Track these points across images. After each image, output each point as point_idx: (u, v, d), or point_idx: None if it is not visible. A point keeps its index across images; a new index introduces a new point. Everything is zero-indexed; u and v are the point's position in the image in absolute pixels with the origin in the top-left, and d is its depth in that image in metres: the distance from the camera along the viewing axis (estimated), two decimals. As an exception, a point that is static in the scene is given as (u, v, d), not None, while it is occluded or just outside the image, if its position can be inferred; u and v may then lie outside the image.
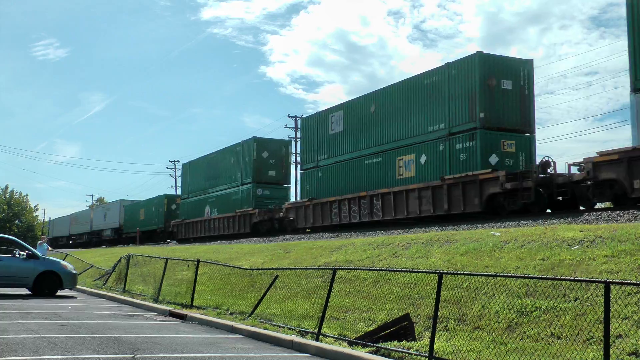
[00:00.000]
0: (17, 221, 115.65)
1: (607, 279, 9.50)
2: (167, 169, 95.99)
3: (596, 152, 21.26)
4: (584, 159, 21.48)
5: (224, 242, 40.14)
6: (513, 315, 10.85)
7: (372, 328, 12.00)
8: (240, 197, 44.26)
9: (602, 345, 8.10)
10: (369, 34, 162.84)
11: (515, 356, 9.21)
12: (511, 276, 10.66)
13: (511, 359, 9.16)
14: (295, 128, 65.89)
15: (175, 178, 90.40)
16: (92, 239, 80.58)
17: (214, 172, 49.35)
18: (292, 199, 45.29)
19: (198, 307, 17.54)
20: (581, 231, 14.33)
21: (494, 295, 11.67)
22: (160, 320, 16.10)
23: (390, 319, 11.85)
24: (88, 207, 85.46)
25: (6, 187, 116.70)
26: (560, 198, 23.22)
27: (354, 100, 34.12)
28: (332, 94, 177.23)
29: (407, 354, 10.19)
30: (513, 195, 23.68)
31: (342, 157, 34.19)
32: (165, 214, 60.19)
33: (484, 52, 26.34)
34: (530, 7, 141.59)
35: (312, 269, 17.03)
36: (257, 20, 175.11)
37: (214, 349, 11.51)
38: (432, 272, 11.55)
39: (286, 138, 50.21)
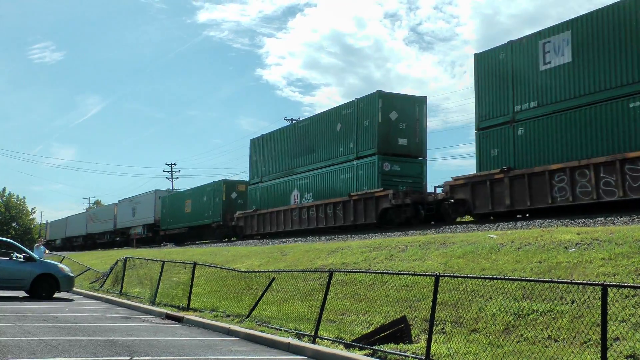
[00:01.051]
0: (14, 224, 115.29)
1: (605, 281, 9.51)
2: (164, 171, 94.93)
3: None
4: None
5: (220, 244, 40.07)
6: (510, 317, 10.85)
7: (368, 331, 12.00)
8: (354, 175, 32.32)
9: (599, 348, 8.11)
10: (365, 36, 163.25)
11: (512, 359, 9.20)
12: (508, 279, 10.68)
13: (508, 361, 9.15)
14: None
15: (172, 181, 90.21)
16: (116, 239, 70.19)
17: (306, 145, 37.01)
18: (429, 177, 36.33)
19: (195, 310, 17.52)
20: (578, 234, 14.33)
21: (490, 297, 11.67)
22: (157, 323, 16.08)
23: (387, 322, 11.84)
24: (114, 203, 72.96)
25: (3, 190, 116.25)
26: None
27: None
28: (328, 96, 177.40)
29: (403, 357, 10.18)
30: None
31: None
32: (224, 204, 47.68)
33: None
34: (527, 9, 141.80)
35: (309, 271, 17.02)
36: (253, 23, 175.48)
37: (211, 352, 11.50)
38: (428, 275, 11.55)
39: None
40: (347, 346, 11.37)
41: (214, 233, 48.59)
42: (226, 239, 46.25)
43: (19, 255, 22.23)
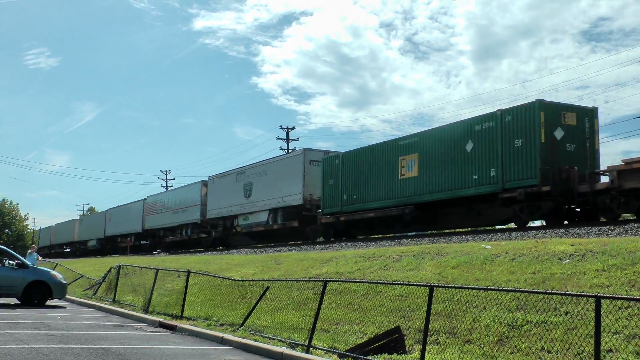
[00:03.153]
0: (7, 230, 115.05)
1: (598, 293, 9.52)
2: (159, 179, 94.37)
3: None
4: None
5: (214, 252, 39.98)
6: (504, 328, 10.85)
7: (362, 340, 11.98)
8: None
9: (592, 360, 8.11)
10: (360, 45, 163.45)
11: (505, 370, 9.19)
12: (502, 290, 10.69)
13: (502, 372, 9.15)
14: (287, 139, 65.44)
15: (167, 188, 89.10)
16: (143, 243, 60.19)
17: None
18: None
19: (188, 318, 17.47)
20: (572, 245, 14.35)
21: (484, 308, 11.67)
22: (150, 331, 16.03)
23: (381, 332, 11.83)
24: (144, 198, 60.21)
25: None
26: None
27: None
28: (324, 105, 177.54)
29: (397, 367, 10.16)
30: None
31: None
32: None
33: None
34: (522, 20, 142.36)
35: (303, 280, 17.00)
36: (249, 31, 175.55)
37: (204, 361, 11.46)
38: (423, 285, 11.55)
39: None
40: (341, 356, 11.35)
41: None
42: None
43: (11, 261, 22.16)
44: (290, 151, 56.55)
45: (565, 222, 22.20)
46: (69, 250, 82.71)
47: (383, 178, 28.97)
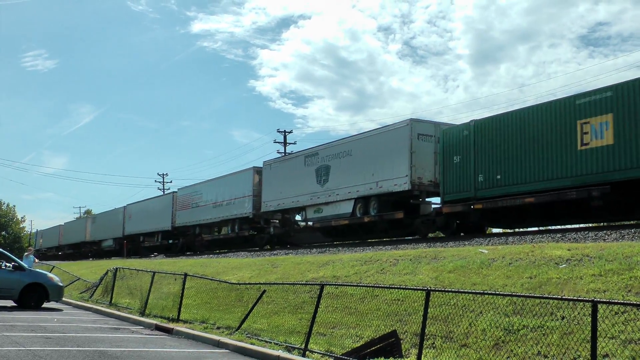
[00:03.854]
0: (3, 232, 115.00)
1: (595, 298, 9.53)
2: (156, 181, 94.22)
3: None
4: None
5: (211, 256, 39.92)
6: (500, 333, 10.85)
7: (359, 344, 11.98)
8: None
9: (588, 365, 8.11)
10: (358, 49, 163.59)
11: (502, 374, 9.20)
12: (498, 294, 10.69)
13: (498, 377, 9.15)
14: (285, 143, 65.38)
15: (164, 192, 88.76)
16: (172, 242, 51.92)
17: None
18: None
19: (185, 321, 17.46)
20: (569, 250, 14.37)
21: (481, 312, 11.68)
22: (146, 334, 16.01)
23: (377, 336, 11.83)
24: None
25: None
26: None
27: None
28: (321, 109, 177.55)
29: (394, 371, 10.16)
30: None
31: None
32: None
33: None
34: (520, 25, 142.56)
35: (300, 284, 17.00)
36: (247, 34, 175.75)
37: (200, 364, 11.46)
38: (419, 289, 11.56)
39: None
40: (337, 359, 11.35)
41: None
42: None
43: (8, 264, 22.13)
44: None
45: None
46: (71, 251, 77.38)
47: (549, 150, 21.22)
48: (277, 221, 38.63)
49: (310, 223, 34.91)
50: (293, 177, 35.21)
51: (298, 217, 36.31)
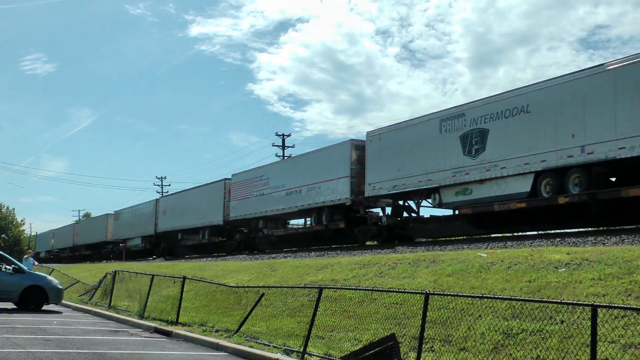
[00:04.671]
0: (3, 235, 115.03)
1: (594, 302, 9.54)
2: (154, 185, 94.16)
3: None
4: None
5: (209, 259, 39.86)
6: (499, 337, 10.85)
7: (357, 347, 11.97)
8: None
9: (587, 368, 8.11)
10: (356, 52, 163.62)
11: (500, 378, 9.20)
12: (497, 298, 10.69)
13: (497, 380, 9.15)
14: (283, 146, 65.20)
15: (162, 195, 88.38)
16: (222, 240, 44.18)
17: None
18: None
19: (183, 324, 17.46)
20: (568, 254, 14.37)
21: (480, 316, 11.68)
22: (145, 337, 16.01)
23: (376, 339, 11.81)
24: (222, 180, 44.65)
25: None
26: None
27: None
28: (319, 112, 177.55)
29: (392, 375, 10.16)
30: None
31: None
32: None
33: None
34: (519, 28, 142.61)
35: (298, 287, 17.00)
36: (245, 38, 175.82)
37: (199, 367, 11.46)
38: (418, 293, 11.55)
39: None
40: (336, 363, 11.34)
41: None
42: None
43: (7, 266, 22.13)
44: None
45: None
46: (89, 252, 69.67)
47: None
48: (379, 210, 31.61)
49: (451, 208, 26.72)
50: (419, 149, 26.88)
51: (426, 202, 28.06)
